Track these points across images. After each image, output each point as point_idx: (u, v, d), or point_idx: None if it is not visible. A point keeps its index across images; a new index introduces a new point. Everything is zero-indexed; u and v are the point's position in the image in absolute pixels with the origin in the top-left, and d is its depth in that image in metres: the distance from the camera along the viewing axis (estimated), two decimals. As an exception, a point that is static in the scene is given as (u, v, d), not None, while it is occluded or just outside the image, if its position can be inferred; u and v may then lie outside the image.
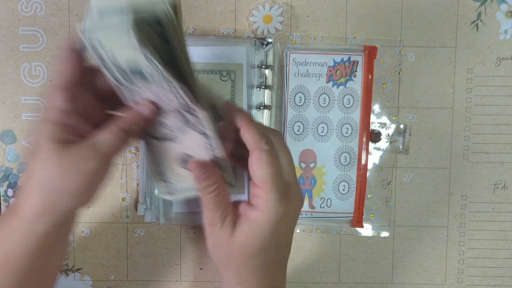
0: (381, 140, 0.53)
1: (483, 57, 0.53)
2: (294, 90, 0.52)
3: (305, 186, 0.53)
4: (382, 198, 0.54)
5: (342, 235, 0.54)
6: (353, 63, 0.52)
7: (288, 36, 0.52)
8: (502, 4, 0.52)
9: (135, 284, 0.54)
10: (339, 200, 0.53)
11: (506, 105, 0.53)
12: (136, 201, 0.53)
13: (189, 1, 0.52)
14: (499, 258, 0.55)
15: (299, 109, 0.52)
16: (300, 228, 0.54)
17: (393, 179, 0.54)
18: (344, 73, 0.52)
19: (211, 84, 0.51)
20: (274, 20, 0.51)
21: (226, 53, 0.50)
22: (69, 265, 0.53)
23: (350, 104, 0.52)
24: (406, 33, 0.53)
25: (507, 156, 0.54)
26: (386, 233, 0.54)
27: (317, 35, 0.52)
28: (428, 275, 0.55)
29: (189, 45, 0.46)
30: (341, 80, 0.52)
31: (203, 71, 0.50)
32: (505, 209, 0.54)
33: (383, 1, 0.52)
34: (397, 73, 0.53)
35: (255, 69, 0.51)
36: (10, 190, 0.53)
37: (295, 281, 0.54)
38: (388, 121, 0.53)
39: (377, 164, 0.53)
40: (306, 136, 0.52)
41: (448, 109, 0.53)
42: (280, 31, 0.52)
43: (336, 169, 0.53)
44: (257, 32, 0.52)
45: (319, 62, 0.51)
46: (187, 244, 0.54)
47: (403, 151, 0.53)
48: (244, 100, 0.51)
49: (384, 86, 0.53)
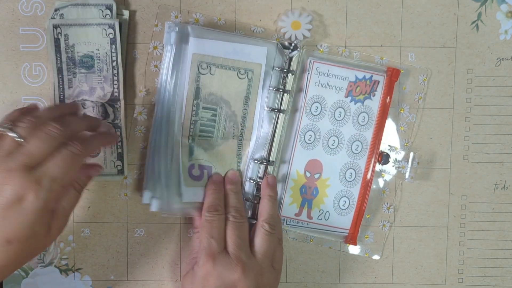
0: (389, 163, 0.53)
1: (483, 57, 0.53)
2: (312, 99, 0.52)
3: (307, 195, 0.53)
4: (380, 220, 0.54)
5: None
6: (374, 82, 0.51)
7: (316, 45, 0.52)
8: (502, 4, 0.52)
9: (135, 284, 0.54)
10: (338, 215, 0.53)
11: (506, 105, 0.53)
12: (138, 183, 0.52)
13: (189, 1, 0.52)
14: (499, 258, 0.55)
15: (314, 119, 0.52)
16: (292, 236, 0.53)
17: (394, 204, 0.54)
18: (364, 91, 0.51)
19: (227, 81, 0.50)
20: (303, 27, 0.51)
21: (247, 51, 0.50)
22: (69, 265, 0.53)
23: (365, 122, 0.52)
24: (406, 33, 0.53)
25: (507, 156, 0.54)
26: (377, 256, 0.54)
27: (345, 49, 0.52)
28: (428, 275, 0.55)
29: (212, 38, 0.49)
30: (359, 96, 0.52)
31: (222, 66, 0.50)
32: (505, 209, 0.54)
33: (383, 1, 0.52)
34: (417, 101, 0.53)
35: (273, 71, 0.51)
36: (10, 190, 0.53)
37: (295, 281, 0.54)
38: (398, 145, 0.53)
39: (380, 187, 0.53)
40: (316, 147, 0.52)
41: (448, 109, 0.53)
42: (307, 38, 0.51)
43: (339, 184, 0.52)
44: (285, 37, 0.51)
45: (342, 75, 0.51)
46: (187, 244, 0.54)
47: (409, 178, 0.53)
48: (259, 100, 0.51)
49: (401, 111, 0.53)
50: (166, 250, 0.54)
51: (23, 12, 0.51)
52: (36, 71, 0.52)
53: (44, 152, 0.39)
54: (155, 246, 0.54)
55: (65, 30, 0.50)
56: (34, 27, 0.51)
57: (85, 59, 0.51)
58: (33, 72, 0.52)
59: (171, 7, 0.51)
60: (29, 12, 0.51)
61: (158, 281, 0.54)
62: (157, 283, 0.54)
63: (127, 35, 0.51)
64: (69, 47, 0.50)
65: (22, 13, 0.51)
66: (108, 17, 0.50)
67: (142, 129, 0.52)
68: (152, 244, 0.54)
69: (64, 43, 0.50)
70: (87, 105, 0.51)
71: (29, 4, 0.51)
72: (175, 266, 0.54)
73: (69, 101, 0.51)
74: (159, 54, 0.52)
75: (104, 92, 0.51)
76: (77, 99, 0.51)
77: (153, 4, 0.52)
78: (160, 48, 0.51)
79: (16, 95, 0.52)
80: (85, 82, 0.51)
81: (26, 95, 0.52)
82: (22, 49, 0.51)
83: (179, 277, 0.54)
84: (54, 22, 0.50)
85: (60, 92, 0.51)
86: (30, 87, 0.52)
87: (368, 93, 0.52)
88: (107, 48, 0.50)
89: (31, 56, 0.51)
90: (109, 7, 0.50)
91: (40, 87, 0.52)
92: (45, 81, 0.52)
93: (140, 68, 0.52)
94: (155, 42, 0.51)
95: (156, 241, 0.54)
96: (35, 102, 0.51)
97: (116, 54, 0.50)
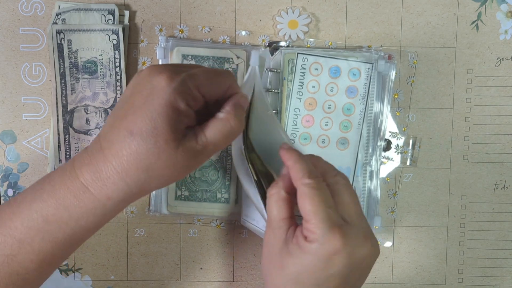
0: (391, 150, 0.53)
1: (483, 57, 0.53)
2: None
3: None
4: (387, 208, 0.54)
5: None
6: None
7: (303, 41, 0.52)
8: (502, 4, 0.52)
9: (135, 284, 0.54)
10: None
11: (506, 105, 0.53)
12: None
13: (189, 1, 0.52)
14: (499, 258, 0.55)
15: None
16: None
17: (399, 190, 0.54)
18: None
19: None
20: (299, 28, 0.51)
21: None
22: (69, 265, 0.53)
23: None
24: (406, 33, 0.53)
25: (507, 156, 0.54)
26: (389, 243, 0.54)
27: (332, 43, 0.52)
28: (428, 275, 0.55)
29: (200, 46, 0.49)
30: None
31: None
32: (505, 209, 0.54)
33: (383, 1, 0.52)
34: (409, 85, 0.53)
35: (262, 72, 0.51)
36: (10, 190, 0.53)
37: (295, 281, 0.54)
38: (397, 131, 0.53)
39: (384, 174, 0.53)
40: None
41: (448, 109, 0.53)
42: (300, 39, 0.51)
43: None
44: (279, 34, 0.51)
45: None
46: (187, 244, 0.54)
47: (411, 163, 0.53)
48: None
49: (395, 97, 0.53)
50: (166, 250, 0.54)
51: (23, 12, 0.51)
52: (36, 71, 0.52)
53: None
54: (155, 246, 0.54)
55: (69, 36, 0.50)
56: (34, 27, 0.51)
57: (88, 65, 0.51)
58: (33, 72, 0.52)
59: (155, 21, 0.51)
60: (29, 12, 0.51)
61: (158, 281, 0.54)
62: (157, 283, 0.54)
63: (128, 35, 0.51)
64: (72, 52, 0.50)
65: (22, 13, 0.51)
66: (110, 22, 0.50)
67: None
68: (152, 244, 0.54)
69: (67, 49, 0.50)
70: (89, 110, 0.51)
71: (29, 4, 0.51)
72: (175, 266, 0.54)
73: (72, 106, 0.51)
74: None
75: (107, 98, 0.51)
76: (79, 104, 0.51)
77: (153, 4, 0.52)
78: (149, 62, 0.52)
79: (16, 95, 0.52)
80: (88, 87, 0.51)
81: (26, 95, 0.52)
82: (22, 49, 0.51)
83: (179, 277, 0.54)
84: (58, 28, 0.50)
85: (63, 97, 0.51)
86: (30, 87, 0.52)
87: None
88: (110, 53, 0.50)
89: (31, 56, 0.51)
90: (111, 12, 0.50)
91: (40, 87, 0.52)
92: (45, 81, 0.52)
93: (140, 68, 0.52)
94: (143, 58, 0.51)
95: (156, 241, 0.54)
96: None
97: (119, 59, 0.50)
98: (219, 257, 0.54)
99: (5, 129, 0.52)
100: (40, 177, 0.53)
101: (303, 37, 0.52)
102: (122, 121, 0.35)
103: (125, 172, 0.35)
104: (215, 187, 0.52)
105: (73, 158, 0.38)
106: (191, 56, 0.50)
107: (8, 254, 0.36)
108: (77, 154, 0.38)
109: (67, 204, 0.36)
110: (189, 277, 0.54)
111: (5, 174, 0.52)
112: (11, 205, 0.37)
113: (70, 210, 0.36)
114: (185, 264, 0.54)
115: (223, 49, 0.51)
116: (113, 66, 0.50)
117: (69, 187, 0.36)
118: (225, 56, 0.50)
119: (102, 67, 0.50)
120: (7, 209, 0.37)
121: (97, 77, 0.51)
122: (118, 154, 0.35)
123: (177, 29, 0.52)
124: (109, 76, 0.51)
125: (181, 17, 0.52)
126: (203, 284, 0.54)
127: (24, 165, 0.52)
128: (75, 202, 0.36)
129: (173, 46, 0.50)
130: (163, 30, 0.52)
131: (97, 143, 0.37)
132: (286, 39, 0.52)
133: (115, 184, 0.35)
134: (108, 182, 0.35)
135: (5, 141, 0.52)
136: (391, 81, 0.51)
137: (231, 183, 0.52)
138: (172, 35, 0.52)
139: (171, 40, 0.50)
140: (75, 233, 0.37)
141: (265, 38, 0.52)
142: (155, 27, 0.51)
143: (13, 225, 0.36)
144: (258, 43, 0.52)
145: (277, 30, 0.52)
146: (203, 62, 0.50)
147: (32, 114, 0.52)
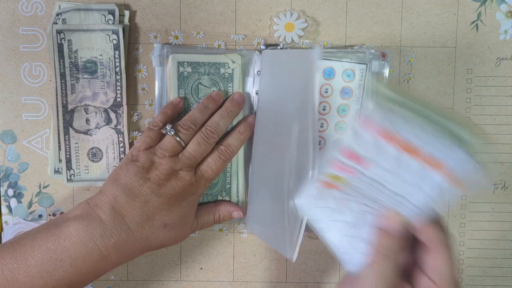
0: None
1: (483, 57, 0.53)
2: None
3: None
4: None
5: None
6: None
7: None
8: (502, 4, 0.52)
9: (135, 284, 0.54)
10: None
11: (506, 105, 0.53)
12: None
13: (189, 1, 0.52)
14: (499, 258, 0.55)
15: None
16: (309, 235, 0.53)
17: None
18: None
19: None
20: (294, 32, 0.51)
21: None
22: (69, 265, 0.53)
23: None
24: (406, 33, 0.53)
25: (507, 156, 0.54)
26: None
27: (327, 43, 0.52)
28: (428, 275, 0.55)
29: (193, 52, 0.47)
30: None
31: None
32: (505, 209, 0.54)
33: (383, 1, 0.52)
34: (406, 82, 0.53)
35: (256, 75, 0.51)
36: (10, 190, 0.53)
37: (295, 281, 0.54)
38: None
39: None
40: None
41: (448, 109, 0.53)
42: (294, 43, 0.52)
43: None
44: (274, 35, 0.51)
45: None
46: (187, 244, 0.54)
47: None
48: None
49: None
50: (166, 250, 0.54)
51: (23, 12, 0.51)
52: (36, 71, 0.52)
53: (201, 154, 0.46)
54: (155, 246, 0.54)
55: (69, 36, 0.50)
56: (34, 27, 0.51)
57: (89, 65, 0.51)
58: (33, 72, 0.52)
59: (149, 28, 0.51)
60: (29, 12, 0.51)
61: (158, 281, 0.54)
62: (157, 283, 0.54)
63: (128, 35, 0.51)
64: (72, 52, 0.50)
65: (22, 13, 0.51)
66: (110, 22, 0.50)
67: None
68: (152, 244, 0.54)
69: (67, 49, 0.50)
70: (89, 110, 0.51)
71: (29, 4, 0.51)
72: (175, 266, 0.54)
73: (72, 106, 0.51)
74: (144, 76, 0.52)
75: (107, 98, 0.51)
76: (79, 104, 0.51)
77: (153, 4, 0.52)
78: (145, 70, 0.52)
79: (16, 95, 0.52)
80: (88, 87, 0.51)
81: (26, 95, 0.52)
82: (22, 49, 0.51)
83: (179, 277, 0.54)
84: (58, 28, 0.50)
85: (63, 97, 0.51)
86: (30, 87, 0.52)
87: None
88: (111, 53, 0.50)
89: (31, 56, 0.51)
90: (111, 12, 0.50)
91: (40, 87, 0.52)
92: (45, 81, 0.52)
93: (140, 69, 0.52)
94: (139, 65, 0.52)
95: (156, 241, 0.54)
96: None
97: (119, 59, 0.50)
98: (219, 257, 0.54)
99: (5, 129, 0.52)
100: (40, 176, 0.53)
101: (298, 40, 0.52)
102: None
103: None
104: (215, 190, 0.52)
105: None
106: (186, 63, 0.50)
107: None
108: None
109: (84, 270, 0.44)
110: (189, 277, 0.54)
111: (6, 174, 0.52)
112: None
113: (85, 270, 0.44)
114: (185, 264, 0.54)
115: (218, 54, 0.51)
116: (113, 66, 0.50)
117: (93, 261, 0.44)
118: (221, 62, 0.50)
119: (102, 67, 0.51)
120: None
121: (97, 77, 0.51)
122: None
123: (172, 35, 0.52)
124: (109, 76, 0.51)
125: (181, 17, 0.52)
126: (203, 284, 0.54)
127: (24, 165, 0.52)
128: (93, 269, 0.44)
129: (168, 53, 0.50)
130: (157, 37, 0.52)
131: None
132: (280, 41, 0.51)
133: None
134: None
135: (6, 141, 0.52)
136: (385, 78, 0.51)
137: (231, 186, 0.52)
138: (167, 42, 0.52)
139: (166, 48, 0.50)
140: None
141: (260, 41, 0.52)
142: (150, 34, 0.52)
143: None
144: (254, 46, 0.52)
145: (272, 31, 0.52)
146: (198, 68, 0.50)
147: (32, 114, 0.52)
